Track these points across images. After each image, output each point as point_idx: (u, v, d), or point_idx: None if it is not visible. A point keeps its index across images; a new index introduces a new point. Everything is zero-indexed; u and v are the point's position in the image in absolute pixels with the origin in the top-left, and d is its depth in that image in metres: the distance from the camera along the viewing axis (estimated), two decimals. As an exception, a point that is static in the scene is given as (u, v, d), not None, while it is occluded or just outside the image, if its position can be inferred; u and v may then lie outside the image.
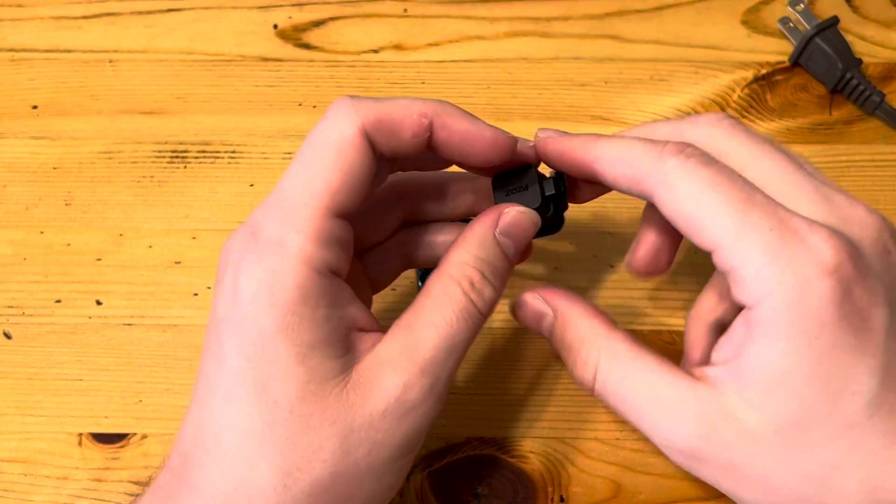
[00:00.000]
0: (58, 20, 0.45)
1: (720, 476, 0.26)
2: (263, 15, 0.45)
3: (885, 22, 0.45)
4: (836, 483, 0.24)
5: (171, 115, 0.42)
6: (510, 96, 0.43)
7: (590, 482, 0.33)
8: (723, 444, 0.25)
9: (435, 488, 0.33)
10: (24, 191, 0.40)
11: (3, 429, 0.35)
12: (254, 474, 0.25)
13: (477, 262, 0.27)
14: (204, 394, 0.26)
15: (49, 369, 0.36)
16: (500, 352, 0.36)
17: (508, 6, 0.45)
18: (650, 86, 0.43)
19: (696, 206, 0.25)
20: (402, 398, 0.26)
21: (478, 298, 0.27)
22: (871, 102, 0.41)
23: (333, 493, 0.25)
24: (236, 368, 0.25)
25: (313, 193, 0.25)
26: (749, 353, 0.25)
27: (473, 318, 0.27)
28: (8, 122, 0.42)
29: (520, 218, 0.28)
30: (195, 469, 0.25)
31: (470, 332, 0.27)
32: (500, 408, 0.35)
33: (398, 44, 0.44)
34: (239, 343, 0.25)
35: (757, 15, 0.45)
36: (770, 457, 0.25)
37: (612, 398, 0.27)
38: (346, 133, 0.26)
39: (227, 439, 0.25)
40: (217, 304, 0.26)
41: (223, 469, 0.25)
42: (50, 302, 0.37)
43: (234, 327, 0.25)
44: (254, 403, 0.25)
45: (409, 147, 0.27)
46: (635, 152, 0.26)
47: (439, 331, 0.26)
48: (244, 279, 0.25)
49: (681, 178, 0.25)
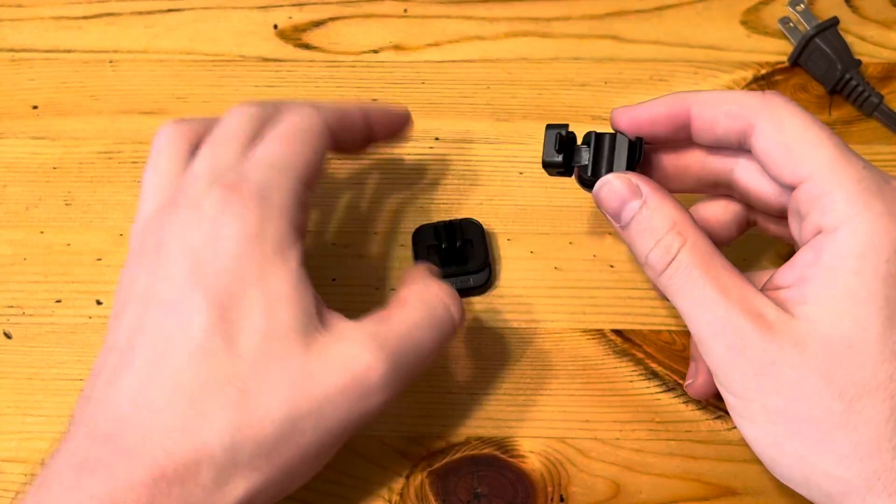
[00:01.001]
0: (58, 20, 0.45)
1: (752, 376, 0.26)
2: (263, 15, 0.45)
3: (885, 22, 0.45)
4: (864, 406, 0.25)
5: (172, 116, 0.42)
6: (510, 96, 0.43)
7: (589, 482, 0.33)
8: (757, 355, 0.26)
9: (435, 488, 0.33)
10: (24, 191, 0.40)
11: (4, 429, 0.35)
12: (205, 431, 0.24)
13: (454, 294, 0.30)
14: (155, 353, 0.25)
15: (49, 369, 0.36)
16: (500, 352, 0.36)
17: (508, 6, 0.45)
18: (650, 86, 0.43)
19: (800, 136, 0.27)
20: (364, 381, 0.26)
21: (456, 310, 0.30)
22: (870, 104, 0.41)
23: (274, 456, 0.25)
24: (208, 321, 0.25)
25: (293, 161, 0.29)
26: (816, 271, 0.26)
27: (447, 326, 0.29)
28: (8, 122, 0.42)
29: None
30: (134, 431, 0.25)
31: (440, 340, 0.29)
32: (500, 408, 0.35)
33: (398, 44, 0.44)
34: (216, 294, 0.25)
35: (756, 15, 0.45)
36: (807, 368, 0.26)
37: (677, 289, 0.28)
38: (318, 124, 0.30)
39: (183, 394, 0.25)
40: (172, 262, 0.26)
41: (171, 425, 0.25)
42: (50, 302, 0.37)
43: (211, 278, 0.25)
44: (221, 356, 0.25)
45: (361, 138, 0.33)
46: (736, 94, 0.30)
47: (412, 331, 0.28)
48: (227, 232, 0.26)
49: (787, 112, 0.28)
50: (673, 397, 0.35)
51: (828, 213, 0.27)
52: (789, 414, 0.26)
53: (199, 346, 0.25)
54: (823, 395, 0.25)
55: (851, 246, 0.26)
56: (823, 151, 0.27)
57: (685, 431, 0.34)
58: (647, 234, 0.29)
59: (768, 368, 0.26)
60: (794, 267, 0.28)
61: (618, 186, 0.29)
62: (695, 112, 0.30)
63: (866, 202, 0.26)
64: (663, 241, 0.28)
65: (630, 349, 0.36)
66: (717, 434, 0.34)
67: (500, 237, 0.39)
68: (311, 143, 0.30)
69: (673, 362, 0.35)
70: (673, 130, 0.31)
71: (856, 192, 0.26)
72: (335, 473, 0.33)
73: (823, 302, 0.26)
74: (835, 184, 0.27)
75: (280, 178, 0.28)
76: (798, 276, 0.27)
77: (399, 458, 0.34)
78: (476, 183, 0.40)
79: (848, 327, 0.26)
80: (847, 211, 0.26)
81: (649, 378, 0.35)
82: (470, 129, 0.42)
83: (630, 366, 0.36)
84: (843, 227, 0.26)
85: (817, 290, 0.26)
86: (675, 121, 0.30)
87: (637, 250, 0.29)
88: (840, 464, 0.25)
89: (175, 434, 0.25)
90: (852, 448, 0.25)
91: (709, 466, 0.34)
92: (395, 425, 0.34)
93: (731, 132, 0.29)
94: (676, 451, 0.34)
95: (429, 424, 0.34)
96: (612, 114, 0.32)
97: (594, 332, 0.36)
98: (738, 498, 0.33)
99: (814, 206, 0.27)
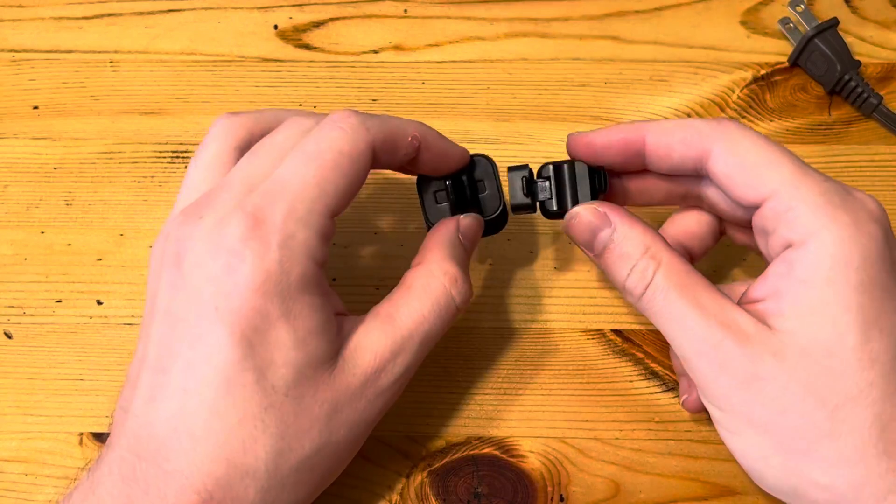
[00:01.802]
0: (58, 21, 0.45)
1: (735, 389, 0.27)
2: (264, 15, 0.45)
3: (885, 23, 0.45)
4: (848, 414, 0.25)
5: (172, 116, 0.42)
6: (510, 97, 0.43)
7: (589, 482, 0.33)
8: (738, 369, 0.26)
9: (435, 488, 0.33)
10: (24, 191, 0.40)
11: (5, 429, 0.35)
12: (248, 457, 0.26)
13: (455, 260, 0.30)
14: (185, 380, 0.26)
15: (50, 369, 0.36)
16: (501, 352, 0.36)
17: (508, 7, 0.45)
18: (650, 86, 0.43)
19: (758, 156, 0.28)
20: (379, 382, 0.28)
21: (458, 294, 0.30)
22: (869, 105, 0.41)
23: (317, 469, 0.27)
24: (236, 356, 0.26)
25: (323, 193, 0.27)
26: (790, 283, 0.27)
27: (451, 312, 0.30)
28: (9, 123, 0.42)
29: (474, 223, 0.32)
30: (178, 455, 0.25)
31: (443, 326, 0.30)
32: (500, 408, 0.35)
33: (398, 44, 0.44)
34: (240, 331, 0.26)
35: (756, 15, 0.45)
36: (788, 378, 0.26)
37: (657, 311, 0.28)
38: (361, 148, 0.28)
39: (221, 424, 0.26)
40: (195, 286, 0.26)
41: (214, 453, 0.25)
42: (51, 302, 0.37)
43: (234, 315, 0.26)
44: (252, 389, 0.26)
45: (401, 163, 0.31)
46: (691, 121, 0.30)
47: (418, 323, 0.29)
48: (247, 268, 0.26)
49: (741, 135, 0.29)
50: (673, 397, 0.35)
51: (795, 226, 0.27)
52: (774, 426, 0.26)
53: (228, 379, 0.26)
54: (806, 404, 0.26)
55: (822, 257, 0.26)
56: (783, 169, 0.28)
57: (685, 431, 0.34)
58: (622, 261, 0.29)
59: (751, 382, 0.26)
60: (768, 280, 0.28)
61: (586, 218, 0.30)
62: (649, 140, 0.30)
63: (832, 213, 0.26)
64: (638, 267, 0.29)
65: (630, 349, 0.36)
66: (716, 434, 0.34)
67: (501, 237, 0.39)
68: (348, 170, 0.28)
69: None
70: (627, 158, 0.31)
71: (821, 205, 0.27)
72: (335, 473, 0.33)
73: (800, 313, 0.26)
74: (799, 198, 0.27)
75: (307, 216, 0.27)
76: (772, 288, 0.27)
77: (399, 458, 0.34)
78: (476, 183, 0.40)
79: (826, 337, 0.26)
80: (814, 223, 0.26)
81: (649, 378, 0.35)
82: (470, 130, 0.42)
83: (630, 366, 0.36)
84: (812, 240, 0.26)
85: (792, 301, 0.27)
86: (629, 148, 0.31)
87: (614, 278, 0.30)
88: (828, 473, 0.26)
89: (219, 461, 0.26)
90: (838, 456, 0.25)
91: (708, 466, 0.34)
92: (395, 425, 0.34)
93: (686, 159, 0.30)
94: (676, 450, 0.34)
95: (429, 424, 0.35)
96: (568, 139, 0.32)
97: (594, 332, 0.36)
98: (737, 498, 0.33)
99: (780, 221, 0.27)
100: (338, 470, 0.29)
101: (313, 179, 0.27)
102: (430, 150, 0.31)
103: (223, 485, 0.25)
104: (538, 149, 0.41)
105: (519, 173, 0.32)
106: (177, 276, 0.27)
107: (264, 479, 0.26)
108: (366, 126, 0.28)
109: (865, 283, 0.26)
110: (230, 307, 0.26)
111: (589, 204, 0.30)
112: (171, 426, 0.26)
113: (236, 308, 0.26)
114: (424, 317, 0.29)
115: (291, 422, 0.26)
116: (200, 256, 0.26)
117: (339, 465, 0.29)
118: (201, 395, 0.26)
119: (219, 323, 0.26)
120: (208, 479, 0.25)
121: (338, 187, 0.28)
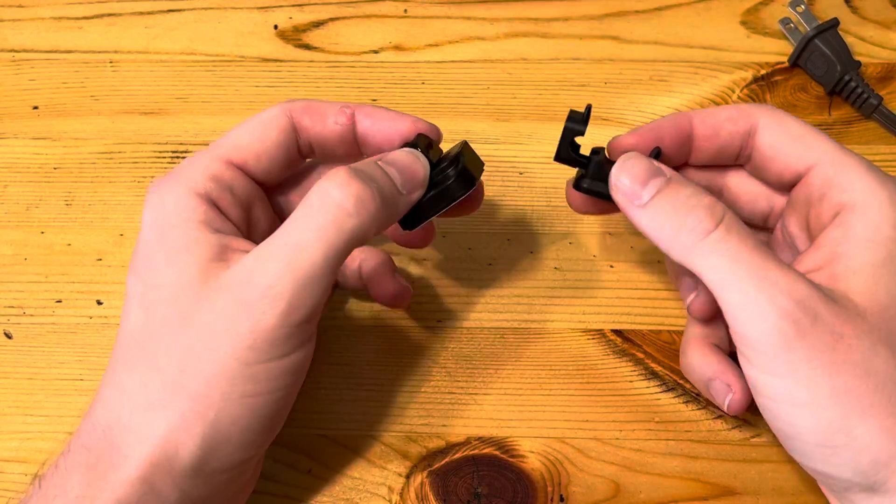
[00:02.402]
0: (58, 21, 0.45)
1: (818, 353, 0.25)
2: (264, 16, 0.45)
3: (885, 23, 0.45)
4: None
5: (172, 116, 0.42)
6: (510, 96, 0.43)
7: (589, 482, 0.33)
8: (825, 328, 0.25)
9: (435, 488, 0.33)
10: (24, 191, 0.40)
11: (4, 429, 0.35)
12: (165, 374, 0.26)
13: (350, 168, 0.28)
14: (118, 337, 0.28)
15: (50, 369, 0.36)
16: (500, 352, 0.36)
17: (508, 7, 0.45)
18: (650, 86, 0.43)
19: (803, 129, 0.29)
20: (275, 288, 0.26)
21: (335, 186, 0.27)
22: (869, 105, 0.41)
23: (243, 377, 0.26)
24: (133, 291, 0.28)
25: (226, 145, 0.30)
26: (853, 244, 0.27)
27: (344, 223, 0.27)
28: (9, 123, 0.42)
29: (403, 153, 0.30)
30: (111, 405, 0.27)
31: (341, 238, 0.27)
32: (500, 408, 0.35)
33: (398, 44, 0.44)
34: (133, 267, 0.28)
35: (756, 15, 0.45)
36: (874, 336, 0.26)
37: (725, 256, 0.26)
38: (272, 111, 0.31)
39: (134, 364, 0.27)
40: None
41: (139, 388, 0.27)
42: (51, 302, 0.37)
43: (134, 257, 0.29)
44: (144, 321, 0.27)
45: (332, 133, 0.31)
46: (733, 105, 0.31)
47: (301, 231, 0.27)
48: (147, 209, 0.29)
49: (783, 113, 0.30)
50: (673, 397, 0.35)
51: (848, 189, 0.28)
52: (858, 391, 0.25)
53: (127, 321, 0.28)
54: (891, 364, 0.25)
55: (883, 216, 0.27)
56: (825, 142, 0.29)
57: (685, 431, 0.34)
58: (683, 200, 0.27)
59: (837, 343, 0.25)
60: (822, 248, 0.28)
61: (643, 162, 0.29)
62: (697, 122, 0.31)
63: (880, 180, 0.28)
64: (704, 203, 0.27)
65: (630, 349, 0.36)
66: (716, 434, 0.34)
67: (500, 237, 0.39)
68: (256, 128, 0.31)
69: (673, 362, 0.35)
70: (678, 145, 0.31)
71: (869, 172, 0.28)
72: (335, 474, 0.33)
73: (871, 271, 0.26)
74: (848, 165, 0.28)
75: (200, 160, 0.30)
76: (829, 255, 0.27)
77: (399, 458, 0.34)
78: (476, 183, 0.40)
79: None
80: (869, 186, 0.27)
81: (649, 378, 0.35)
82: (470, 130, 0.42)
83: (630, 366, 0.36)
84: (869, 201, 0.27)
85: (859, 261, 0.27)
86: (679, 134, 0.31)
87: (665, 221, 0.27)
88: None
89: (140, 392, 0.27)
90: None
91: (708, 466, 0.34)
92: (395, 425, 0.34)
93: (734, 135, 0.30)
94: (676, 451, 0.34)
95: (429, 424, 0.35)
96: (611, 144, 0.31)
97: (594, 332, 0.36)
98: (737, 498, 0.33)
99: (831, 186, 0.28)
100: (275, 383, 0.27)
101: (224, 139, 0.31)
102: (370, 117, 0.31)
103: (156, 402, 0.26)
104: (538, 149, 0.41)
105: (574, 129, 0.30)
106: None
107: (181, 381, 0.26)
108: (288, 100, 0.32)
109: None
110: (135, 251, 0.29)
111: (639, 156, 0.29)
112: (109, 385, 0.27)
113: (137, 250, 0.29)
114: (299, 219, 0.27)
115: (186, 332, 0.26)
116: (142, 218, 0.29)
117: (278, 377, 0.27)
118: (119, 344, 0.28)
119: (128, 281, 0.29)
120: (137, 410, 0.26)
121: (241, 139, 0.30)
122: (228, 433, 0.26)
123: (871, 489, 0.26)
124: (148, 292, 0.28)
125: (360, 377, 0.35)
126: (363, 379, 0.35)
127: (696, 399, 0.35)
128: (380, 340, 0.36)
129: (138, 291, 0.28)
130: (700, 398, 0.35)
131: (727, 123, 0.31)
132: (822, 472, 0.27)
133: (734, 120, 0.31)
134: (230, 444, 0.27)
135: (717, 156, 0.31)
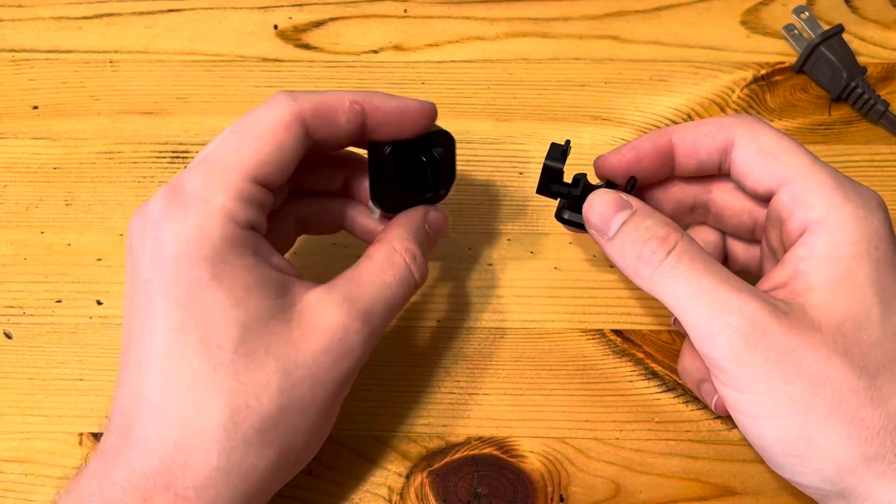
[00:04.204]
0: (58, 21, 0.45)
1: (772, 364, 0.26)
2: (264, 15, 0.45)
3: (885, 23, 0.45)
4: (884, 381, 0.26)
5: (172, 116, 0.42)
6: (510, 96, 0.43)
7: (589, 482, 0.33)
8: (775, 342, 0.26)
9: (435, 488, 0.33)
10: (24, 191, 0.40)
11: (4, 429, 0.35)
12: (201, 417, 0.26)
13: (416, 241, 0.31)
14: (140, 354, 0.27)
15: (50, 369, 0.36)
16: (500, 352, 0.36)
17: (508, 7, 0.45)
18: (650, 86, 0.43)
19: (777, 144, 0.30)
20: (344, 339, 0.28)
21: (416, 270, 0.31)
22: (876, 111, 0.41)
23: (282, 427, 0.27)
24: (175, 322, 0.26)
25: (242, 159, 0.28)
26: (814, 262, 0.27)
27: (410, 285, 0.31)
28: (9, 123, 0.42)
29: (442, 217, 0.34)
30: (139, 425, 0.26)
31: (405, 297, 0.30)
32: (500, 408, 0.35)
33: (398, 44, 0.44)
34: (174, 298, 0.26)
35: (756, 16, 0.45)
36: (828, 347, 0.26)
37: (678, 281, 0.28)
38: (285, 116, 0.28)
39: (173, 389, 0.26)
40: (138, 267, 0.27)
41: (170, 418, 0.26)
42: (50, 302, 0.37)
43: (166, 285, 0.26)
44: (197, 351, 0.26)
45: (345, 132, 0.30)
46: (712, 118, 0.32)
47: (380, 289, 0.29)
48: (168, 237, 0.27)
49: (760, 125, 0.30)
50: (673, 397, 0.35)
51: (813, 208, 0.28)
52: (815, 399, 0.26)
53: (172, 345, 0.26)
54: (847, 374, 0.26)
55: (845, 234, 0.27)
56: (798, 157, 0.29)
57: (685, 431, 0.34)
58: (641, 232, 0.29)
59: (788, 355, 0.26)
60: (786, 265, 0.28)
61: (609, 197, 0.30)
62: (676, 140, 0.31)
63: (846, 196, 0.28)
64: (658, 234, 0.29)
65: (630, 349, 0.36)
66: (716, 434, 0.34)
67: (500, 237, 0.39)
68: (269, 137, 0.28)
69: (673, 362, 0.36)
70: (659, 164, 0.32)
71: (835, 188, 0.28)
72: (335, 473, 0.33)
73: (828, 287, 0.27)
74: (815, 181, 0.28)
75: (224, 181, 0.27)
76: (792, 272, 0.28)
77: (399, 458, 0.34)
78: (476, 183, 0.40)
79: (854, 309, 0.27)
80: (832, 203, 0.28)
81: (649, 378, 0.35)
82: (470, 129, 0.42)
83: (630, 366, 0.36)
84: (832, 219, 0.27)
85: (819, 277, 0.27)
86: (659, 153, 0.32)
87: (627, 253, 0.29)
88: (874, 440, 0.25)
89: (175, 425, 0.26)
90: (884, 422, 0.25)
91: (708, 466, 0.34)
92: (395, 425, 0.34)
93: (712, 152, 0.31)
94: (676, 451, 0.34)
95: (429, 424, 0.35)
96: (596, 163, 0.33)
97: (594, 332, 0.36)
98: (737, 498, 0.33)
99: (797, 204, 0.28)
100: (307, 432, 0.28)
101: (232, 148, 0.28)
102: (379, 109, 0.30)
103: (182, 448, 0.26)
104: (538, 149, 0.41)
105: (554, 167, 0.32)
106: (128, 262, 0.28)
107: (224, 439, 0.26)
108: (293, 97, 0.29)
109: (882, 261, 0.27)
110: (161, 278, 0.27)
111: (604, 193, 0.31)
112: (133, 399, 0.27)
113: (166, 278, 0.27)
114: (387, 284, 0.30)
115: (245, 379, 0.26)
116: (137, 238, 0.28)
117: (306, 426, 0.28)
118: (152, 364, 0.26)
119: (154, 294, 0.27)
120: (167, 443, 0.26)
121: (258, 153, 0.28)
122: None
123: (843, 496, 0.26)
124: (199, 324, 0.26)
125: (359, 377, 0.35)
126: (363, 379, 0.35)
127: (696, 399, 0.35)
128: (380, 340, 0.36)
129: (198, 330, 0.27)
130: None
131: (705, 139, 0.31)
132: (796, 482, 0.28)
133: (712, 136, 0.31)
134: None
135: (699, 170, 0.32)
